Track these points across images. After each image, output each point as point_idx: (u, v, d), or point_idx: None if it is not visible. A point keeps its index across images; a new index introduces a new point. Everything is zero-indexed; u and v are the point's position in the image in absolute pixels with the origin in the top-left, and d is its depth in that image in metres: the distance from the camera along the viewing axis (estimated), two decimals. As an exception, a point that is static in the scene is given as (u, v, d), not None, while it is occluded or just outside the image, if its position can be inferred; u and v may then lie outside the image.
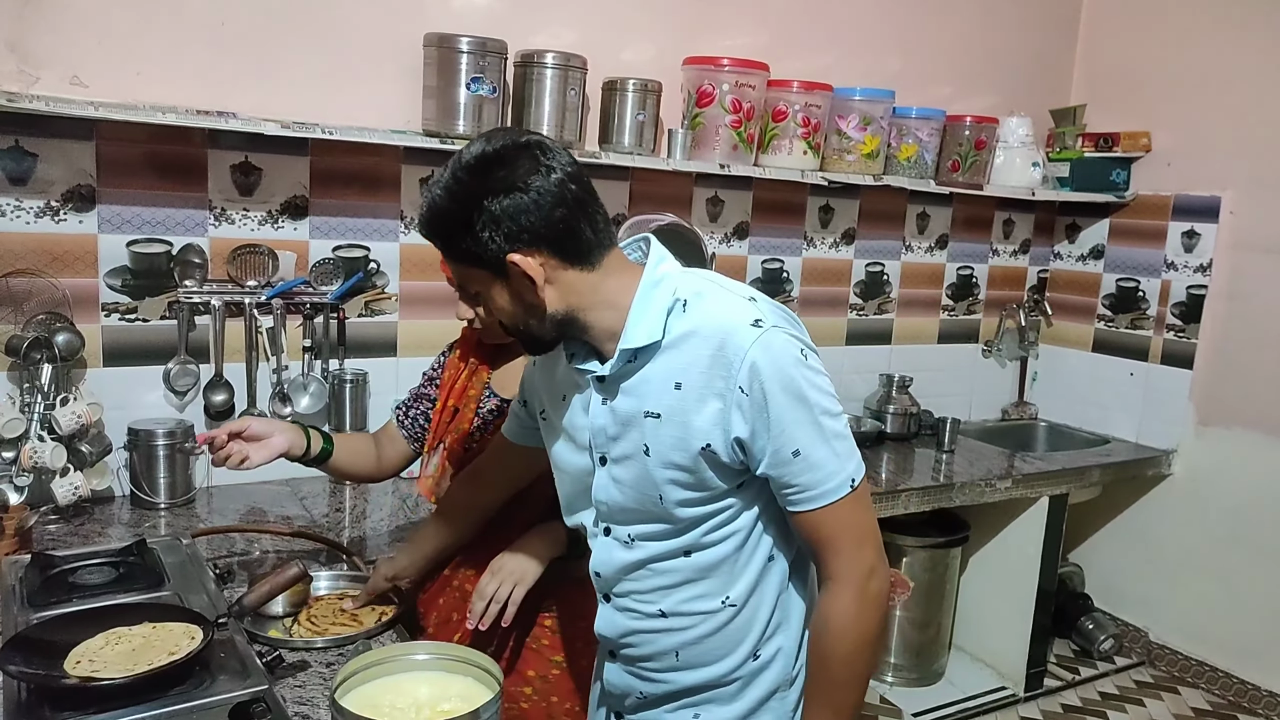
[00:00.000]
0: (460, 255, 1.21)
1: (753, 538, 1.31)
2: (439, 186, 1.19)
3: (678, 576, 1.31)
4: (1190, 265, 3.38)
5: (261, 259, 2.35)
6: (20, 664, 1.24)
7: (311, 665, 1.48)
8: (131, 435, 2.20)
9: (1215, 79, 3.29)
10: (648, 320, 1.22)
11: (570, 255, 1.20)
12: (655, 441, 1.24)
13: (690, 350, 1.21)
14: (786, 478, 1.21)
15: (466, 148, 1.20)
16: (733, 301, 1.24)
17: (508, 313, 1.24)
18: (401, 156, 2.49)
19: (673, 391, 1.22)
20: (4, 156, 2.05)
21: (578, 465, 1.36)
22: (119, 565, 1.66)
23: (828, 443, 1.21)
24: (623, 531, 1.33)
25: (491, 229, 1.16)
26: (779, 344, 1.19)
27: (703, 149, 2.78)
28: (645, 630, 1.36)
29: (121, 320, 2.23)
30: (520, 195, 1.16)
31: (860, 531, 1.24)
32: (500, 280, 1.20)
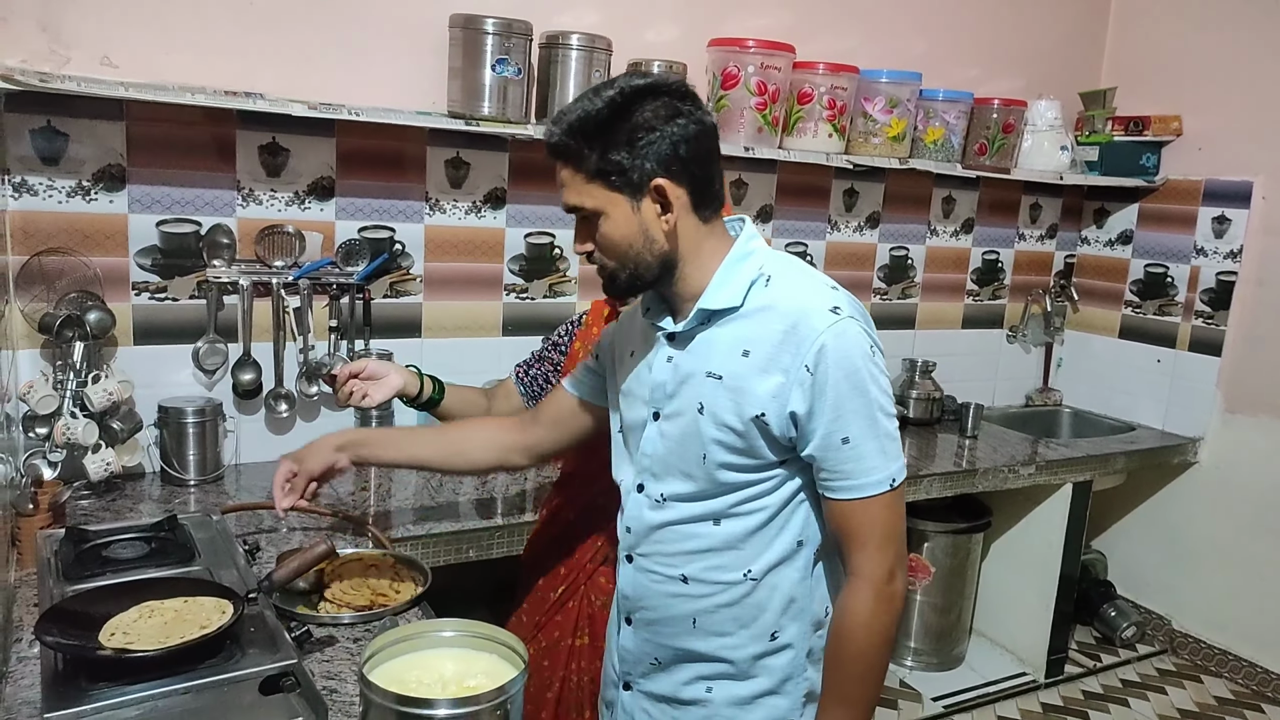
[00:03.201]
0: (601, 168, 1.22)
1: (782, 516, 1.32)
2: (599, 98, 1.21)
3: (703, 543, 1.34)
4: (1220, 251, 3.33)
5: (288, 239, 2.36)
6: (57, 635, 1.27)
7: (339, 640, 1.51)
8: (161, 413, 2.23)
9: (1248, 62, 3.24)
10: (730, 286, 1.28)
11: (700, 201, 1.26)
12: (711, 401, 1.28)
13: (765, 323, 1.26)
14: (832, 462, 1.25)
15: (628, 75, 1.25)
16: (815, 286, 1.28)
17: (622, 243, 1.25)
18: (426, 138, 2.50)
19: (740, 358, 1.26)
20: (36, 136, 2.08)
21: (632, 418, 1.40)
22: (151, 540, 1.68)
23: (878, 438, 1.24)
24: (656, 490, 1.36)
25: (650, 149, 1.20)
26: (852, 334, 1.23)
27: (727, 131, 2.77)
28: (665, 593, 1.38)
29: (151, 299, 2.26)
30: (686, 125, 1.22)
31: (888, 531, 1.27)
32: (632, 203, 1.23)
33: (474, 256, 2.64)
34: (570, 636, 1.77)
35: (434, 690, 1.17)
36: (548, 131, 1.26)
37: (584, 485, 1.79)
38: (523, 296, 2.73)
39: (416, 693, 1.12)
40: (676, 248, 1.27)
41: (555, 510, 1.87)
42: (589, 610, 1.77)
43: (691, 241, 1.28)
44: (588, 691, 1.76)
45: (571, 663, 1.77)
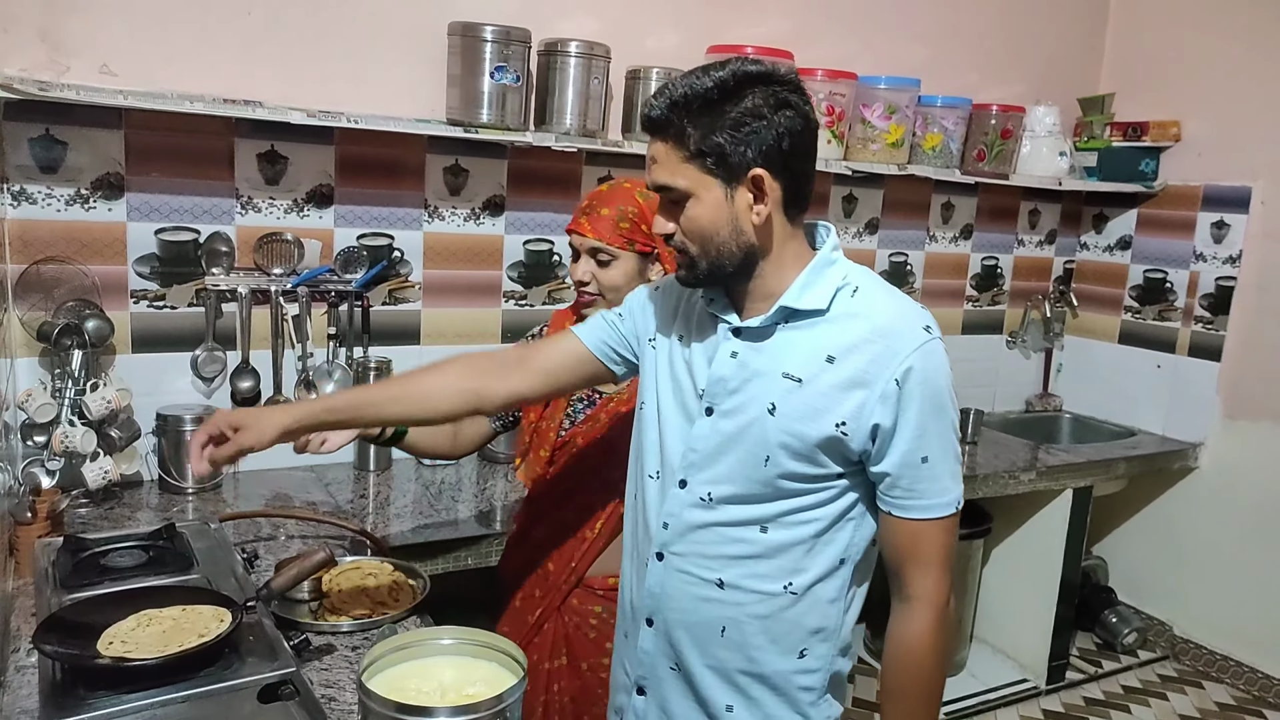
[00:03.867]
0: (700, 149, 1.18)
1: (831, 531, 1.29)
2: (708, 77, 1.17)
3: (747, 549, 1.29)
4: (1219, 256, 3.34)
5: (287, 247, 2.36)
6: (55, 644, 1.26)
7: (338, 649, 1.50)
8: (160, 421, 2.23)
9: (1246, 68, 3.24)
10: (816, 289, 1.24)
11: (792, 199, 1.23)
12: (785, 404, 1.23)
13: (853, 331, 1.22)
14: (908, 480, 1.23)
15: (740, 59, 1.21)
16: (906, 302, 1.28)
17: (709, 229, 1.21)
18: (426, 145, 2.50)
19: (823, 363, 1.22)
20: (35, 145, 2.08)
21: (676, 407, 1.34)
22: (149, 549, 1.68)
23: (950, 460, 1.24)
24: (703, 488, 1.30)
25: (754, 137, 1.16)
26: (940, 356, 1.23)
27: (726, 138, 2.77)
28: (697, 596, 1.32)
29: (150, 307, 2.26)
30: (794, 118, 1.18)
31: (947, 555, 1.26)
32: (727, 190, 1.19)
33: (473, 264, 2.64)
34: (549, 659, 1.74)
35: (433, 698, 1.16)
36: (647, 103, 1.22)
37: (553, 504, 1.76)
38: (521, 304, 2.73)
39: (416, 701, 1.11)
40: (762, 243, 1.23)
41: (525, 527, 1.83)
42: (564, 631, 1.75)
43: (777, 239, 1.24)
44: (569, 712, 1.74)
45: (552, 685, 1.75)
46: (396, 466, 2.51)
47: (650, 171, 1.24)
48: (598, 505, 1.70)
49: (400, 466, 2.51)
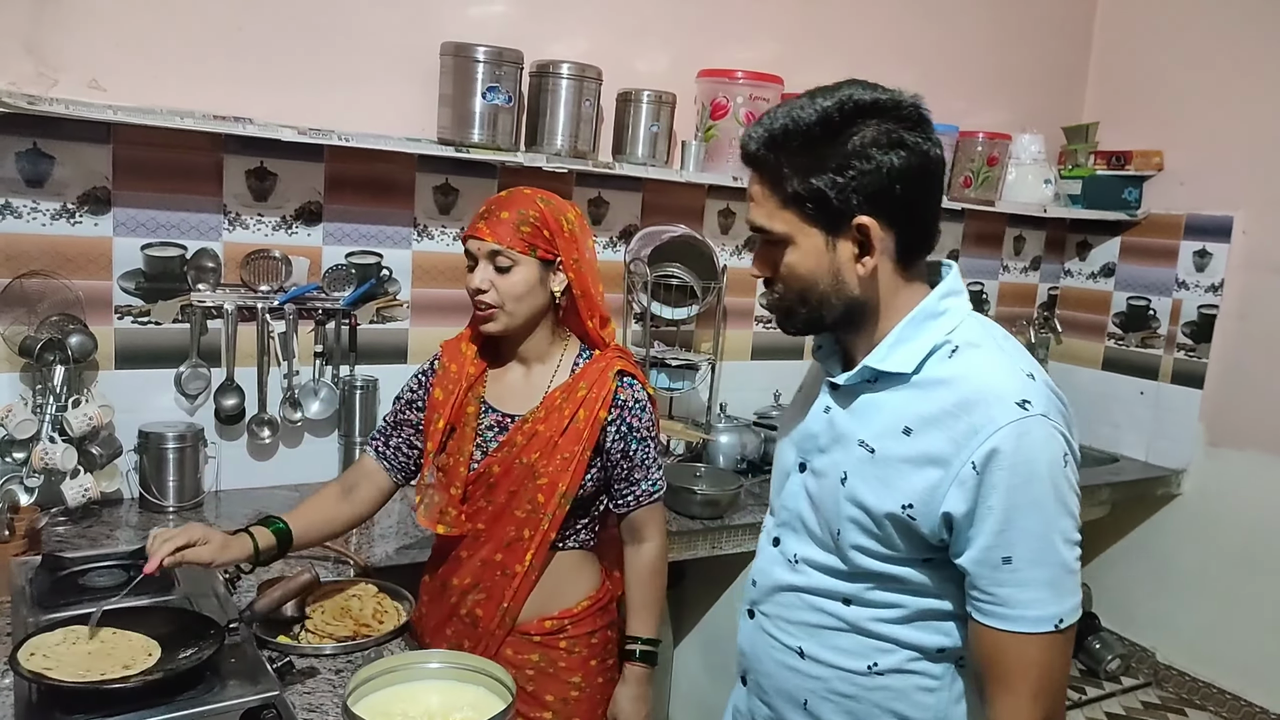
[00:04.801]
0: (799, 193, 1.06)
1: (929, 620, 1.14)
2: (813, 107, 1.05)
3: (830, 621, 1.18)
4: (1202, 285, 3.37)
5: (275, 264, 2.35)
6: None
7: (321, 671, 1.48)
8: (142, 438, 2.20)
9: (1229, 98, 3.29)
10: (907, 348, 1.10)
11: (907, 248, 1.09)
12: (855, 474, 1.12)
13: (935, 400, 1.08)
14: (986, 582, 1.05)
15: (853, 84, 1.06)
16: (1008, 369, 1.08)
17: (807, 279, 1.09)
18: (416, 164, 2.50)
19: (898, 434, 1.09)
20: (22, 159, 2.06)
21: (781, 461, 1.27)
22: (129, 568, 1.65)
23: (1049, 567, 1.04)
24: (791, 548, 1.22)
25: (860, 180, 1.03)
26: (1039, 436, 1.03)
27: (716, 161, 2.78)
28: (779, 663, 1.24)
29: (134, 323, 2.23)
30: (909, 158, 1.04)
31: (1043, 680, 1.06)
32: (828, 239, 1.07)
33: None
34: None
35: (419, 724, 1.15)
36: (745, 135, 1.10)
37: (473, 544, 1.62)
38: (510, 323, 2.72)
39: (401, 726, 1.09)
40: (868, 296, 1.10)
41: (444, 576, 1.67)
42: None
43: (887, 291, 1.10)
44: None
45: None
46: (381, 486, 2.49)
47: (749, 210, 1.13)
48: (525, 534, 1.58)
49: (385, 486, 2.48)
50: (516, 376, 1.64)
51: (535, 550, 1.58)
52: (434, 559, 1.73)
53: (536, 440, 1.57)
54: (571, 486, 1.56)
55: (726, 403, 2.97)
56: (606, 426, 1.59)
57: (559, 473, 1.55)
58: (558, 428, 1.56)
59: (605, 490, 1.65)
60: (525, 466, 1.57)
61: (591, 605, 1.67)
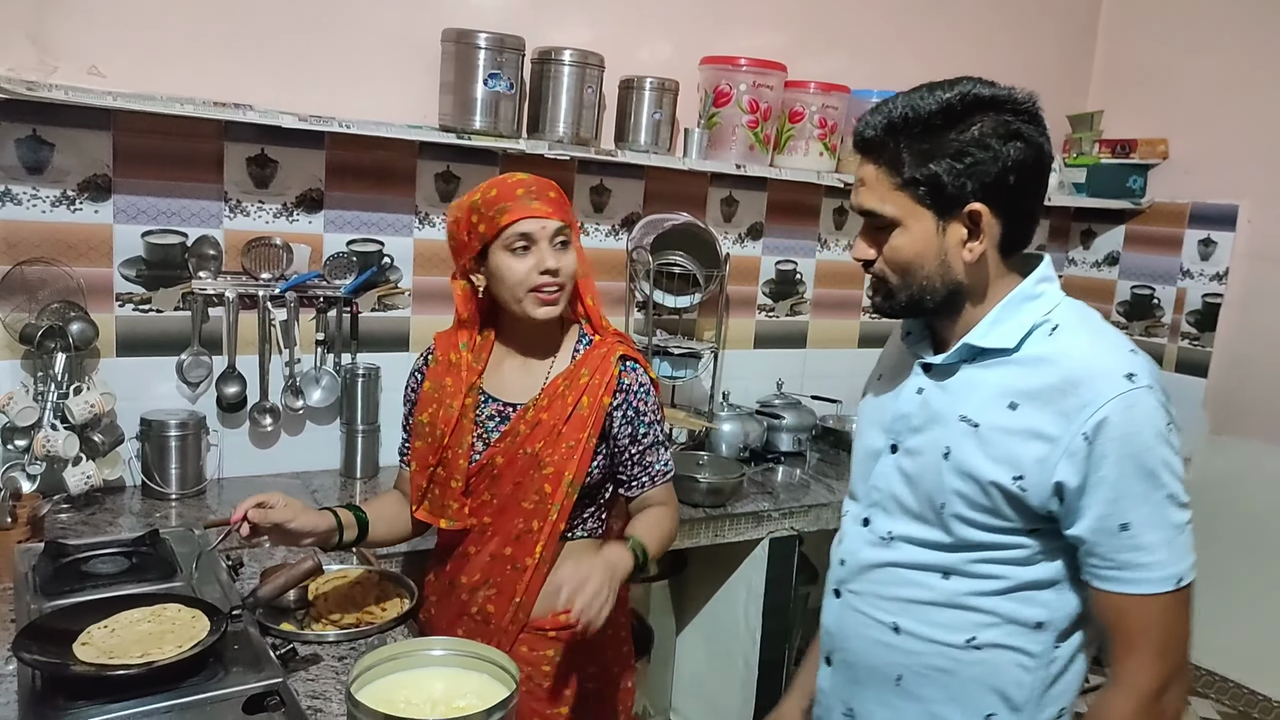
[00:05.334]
0: (914, 177, 1.10)
1: (1028, 591, 1.16)
2: (933, 98, 1.09)
3: (926, 594, 1.20)
4: (1206, 273, 3.36)
5: (276, 252, 2.34)
6: (35, 652, 1.23)
7: (324, 659, 1.48)
8: (143, 425, 2.20)
9: (1235, 86, 3.27)
10: (1007, 326, 1.14)
11: (1011, 237, 1.13)
12: (960, 449, 1.15)
13: (1040, 375, 1.11)
14: (1105, 549, 1.09)
15: (971, 80, 1.10)
16: (1110, 345, 1.12)
17: (914, 262, 1.13)
18: (417, 151, 2.49)
19: (1004, 409, 1.12)
20: (21, 146, 2.05)
21: (866, 446, 1.29)
22: (132, 555, 1.65)
23: (1164, 529, 1.09)
24: (884, 526, 1.24)
25: (976, 168, 1.07)
26: (1145, 406, 1.08)
27: (718, 149, 2.77)
28: (871, 639, 1.24)
29: (135, 310, 2.23)
30: (1024, 150, 1.08)
31: (1167, 639, 1.10)
32: (939, 223, 1.11)
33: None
34: None
35: (423, 710, 1.14)
36: (862, 122, 1.14)
37: (480, 539, 1.58)
38: (512, 312, 2.71)
39: (405, 713, 1.09)
40: (970, 281, 1.14)
41: (450, 575, 1.63)
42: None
43: (987, 277, 1.15)
44: None
45: None
46: (383, 474, 2.49)
47: (856, 193, 1.17)
48: (533, 526, 1.54)
49: (386, 474, 2.49)
50: (515, 364, 1.61)
51: (545, 542, 1.54)
52: (438, 556, 1.69)
53: (540, 429, 1.54)
54: (578, 475, 1.53)
55: (729, 391, 2.96)
56: (612, 412, 1.56)
57: (565, 461, 1.53)
58: (561, 415, 1.53)
59: (611, 477, 1.62)
60: (529, 456, 1.53)
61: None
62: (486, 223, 1.51)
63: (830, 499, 2.62)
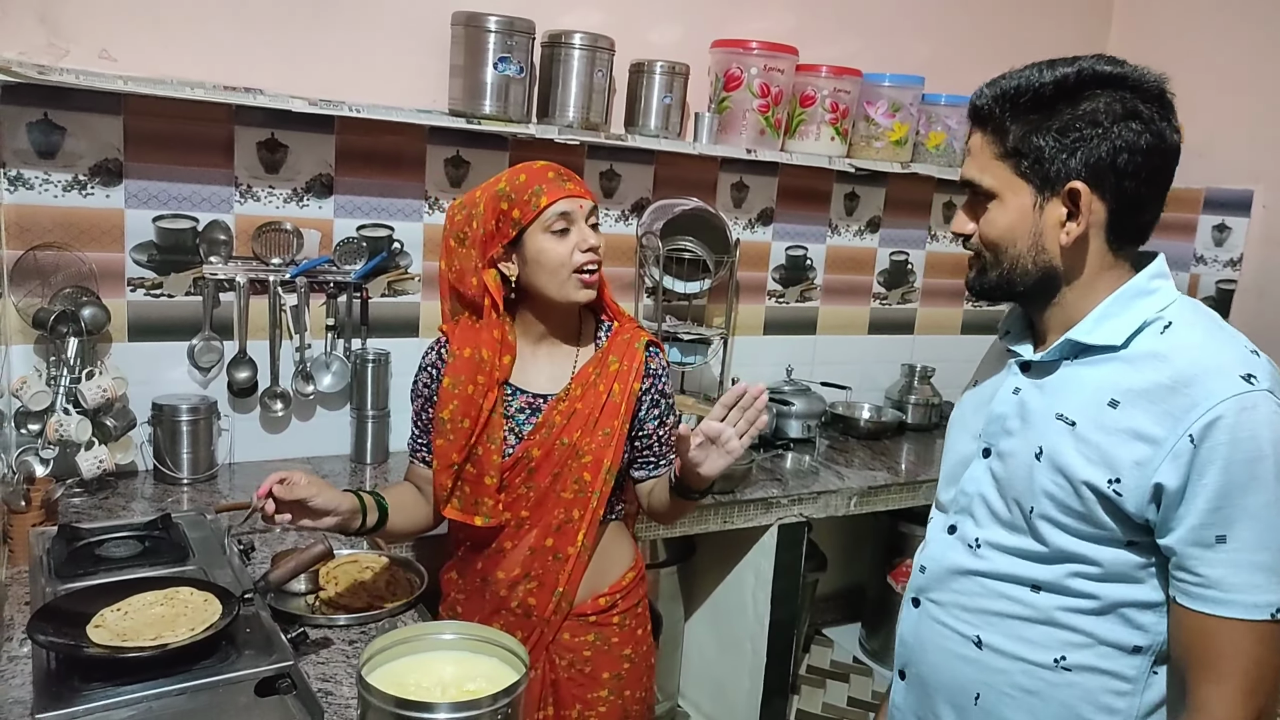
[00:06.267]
0: (1017, 148, 1.06)
1: (1125, 610, 1.08)
2: (1051, 71, 1.05)
3: (1015, 608, 1.13)
4: (1220, 260, 3.33)
5: (286, 237, 2.34)
6: (49, 633, 1.25)
7: (335, 642, 1.49)
8: (155, 410, 2.21)
9: (1250, 70, 3.24)
10: (1116, 322, 1.07)
11: (1119, 224, 1.07)
12: (1054, 448, 1.08)
13: (1147, 372, 1.03)
14: (1195, 562, 1.00)
15: (1098, 57, 1.06)
16: (1230, 344, 1.05)
17: (1006, 235, 1.09)
18: (426, 136, 2.48)
19: (1104, 407, 1.05)
20: (33, 129, 2.06)
21: (958, 451, 1.24)
22: (144, 539, 1.66)
23: (1268, 550, 0.98)
24: (971, 533, 1.18)
25: (1083, 145, 1.03)
26: (1265, 411, 0.98)
27: (729, 133, 2.76)
28: (951, 653, 1.18)
29: (147, 295, 2.23)
30: (1140, 132, 1.03)
31: (1256, 672, 0.99)
32: (1038, 198, 1.07)
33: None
34: (534, 710, 1.58)
35: (433, 694, 1.15)
36: (976, 92, 1.10)
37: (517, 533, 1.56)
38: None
39: (416, 696, 1.10)
40: (1067, 265, 1.08)
41: (485, 571, 1.59)
42: (552, 676, 1.59)
43: (1090, 266, 1.08)
44: None
45: None
46: (393, 460, 2.50)
47: (964, 164, 1.14)
48: (574, 515, 1.54)
49: (396, 460, 2.49)
50: (541, 355, 1.59)
51: (586, 530, 1.54)
52: (464, 554, 1.64)
53: (576, 419, 1.53)
54: (616, 461, 1.54)
55: (738, 377, 2.96)
56: (641, 397, 1.58)
57: (603, 449, 1.53)
58: (596, 404, 1.53)
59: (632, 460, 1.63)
60: (567, 447, 1.52)
61: (636, 575, 1.66)
62: (521, 207, 1.49)
63: (839, 485, 2.62)
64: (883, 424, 3.14)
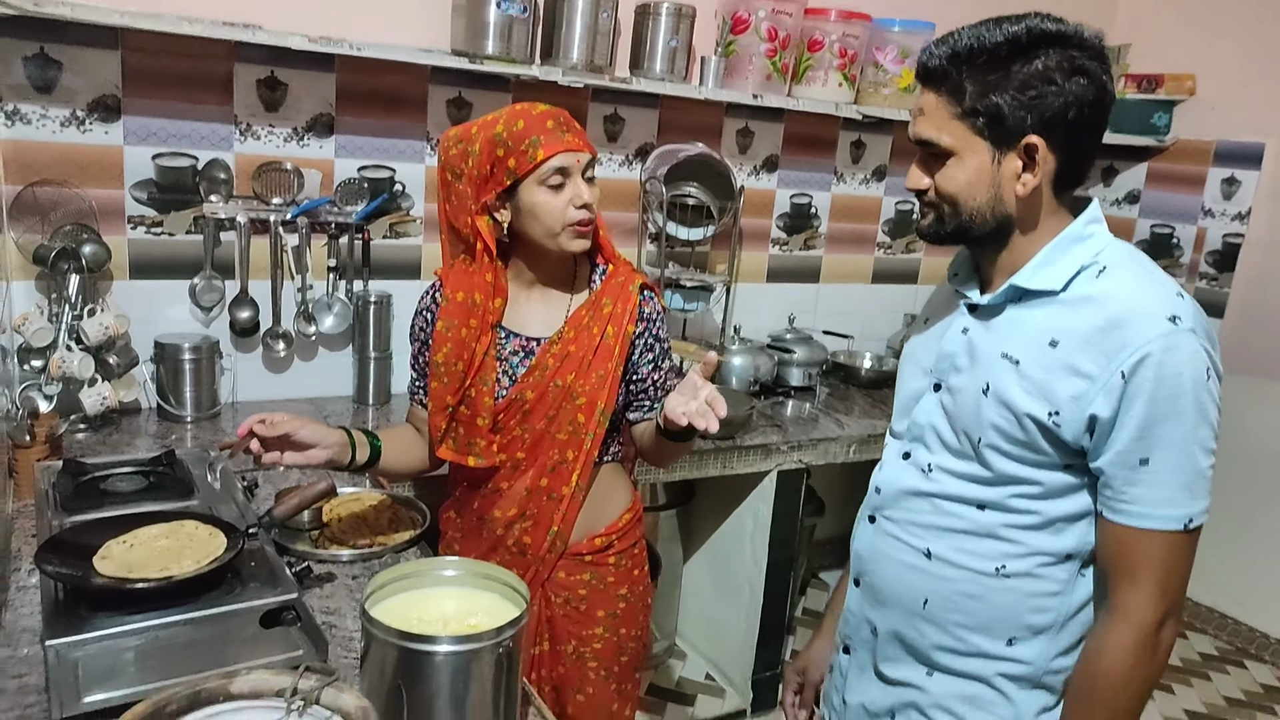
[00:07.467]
0: (973, 106, 1.10)
1: (1060, 524, 1.19)
2: (999, 31, 1.09)
3: (961, 524, 1.23)
4: (1228, 213, 3.31)
5: (286, 176, 2.33)
6: (56, 564, 1.26)
7: (338, 577, 1.51)
8: (158, 349, 2.21)
9: (1264, 22, 3.18)
10: (1054, 267, 1.15)
11: (1065, 175, 1.14)
12: (1000, 385, 1.16)
13: (1084, 315, 1.12)
14: (1120, 481, 1.12)
15: (1038, 15, 1.10)
16: (1157, 287, 1.12)
17: (965, 191, 1.15)
18: (428, 76, 2.45)
19: (1045, 347, 1.14)
20: (29, 64, 2.03)
21: (909, 386, 1.32)
22: (149, 474, 1.67)
23: (1185, 473, 1.10)
24: (924, 459, 1.27)
25: (1038, 102, 1.08)
26: (1187, 350, 1.07)
27: (735, 78, 2.72)
28: (902, 563, 1.28)
29: (147, 233, 2.22)
30: (1087, 87, 1.09)
31: (1169, 576, 1.12)
32: (995, 154, 1.12)
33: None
34: (527, 647, 1.60)
35: (436, 627, 1.17)
36: (925, 52, 1.14)
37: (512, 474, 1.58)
38: (524, 241, 2.70)
39: (418, 629, 1.11)
40: (1021, 215, 1.15)
41: (482, 510, 1.61)
42: (548, 613, 1.62)
43: (1038, 214, 1.16)
44: (551, 701, 1.63)
45: (532, 673, 1.63)
46: (395, 401, 2.51)
47: (915, 123, 1.17)
48: (568, 456, 1.55)
49: (398, 401, 2.51)
50: (534, 298, 1.59)
51: (581, 470, 1.56)
52: (461, 494, 1.66)
53: (570, 361, 1.53)
54: (610, 403, 1.55)
55: (740, 325, 2.96)
56: (635, 340, 1.57)
57: (596, 391, 1.53)
58: (589, 346, 1.53)
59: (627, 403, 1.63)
60: (561, 389, 1.53)
61: (632, 516, 1.68)
62: (517, 157, 1.44)
63: (839, 433, 2.64)
64: (884, 373, 3.15)
